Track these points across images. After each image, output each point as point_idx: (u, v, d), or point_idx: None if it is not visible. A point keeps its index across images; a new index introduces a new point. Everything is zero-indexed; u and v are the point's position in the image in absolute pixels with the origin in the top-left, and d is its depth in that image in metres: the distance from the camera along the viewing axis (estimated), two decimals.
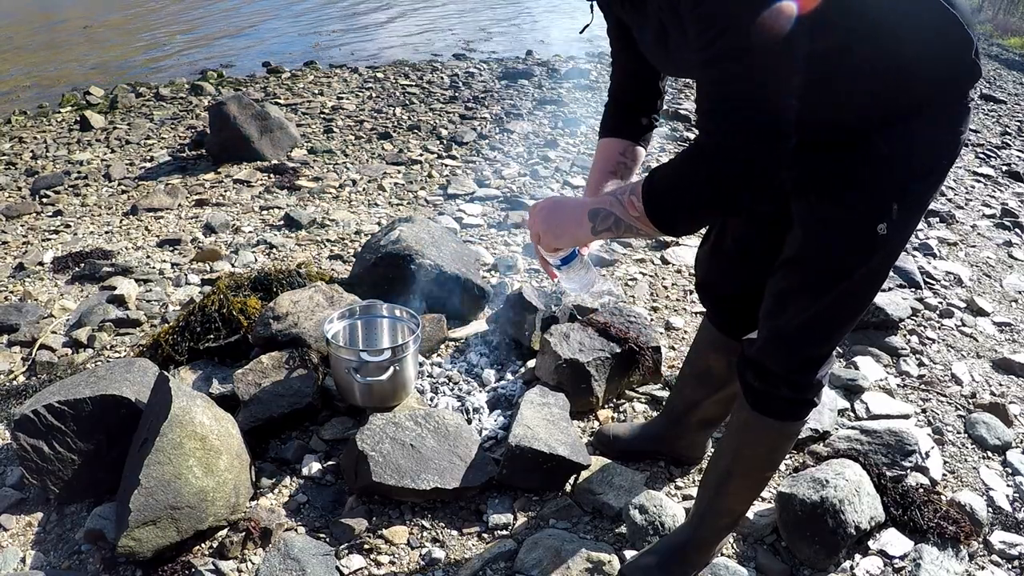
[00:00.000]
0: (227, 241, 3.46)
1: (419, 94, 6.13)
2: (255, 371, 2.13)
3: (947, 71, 1.17)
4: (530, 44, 8.67)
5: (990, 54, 10.10)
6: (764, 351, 1.42)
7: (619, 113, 1.60)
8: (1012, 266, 3.52)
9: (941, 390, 2.47)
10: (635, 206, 1.11)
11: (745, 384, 1.48)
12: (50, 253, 3.38)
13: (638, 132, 1.59)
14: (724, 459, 1.59)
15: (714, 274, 1.69)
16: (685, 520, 1.78)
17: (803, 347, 1.39)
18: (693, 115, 5.42)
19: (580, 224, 1.20)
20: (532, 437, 1.89)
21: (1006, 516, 1.95)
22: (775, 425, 1.48)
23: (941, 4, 1.12)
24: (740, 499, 1.64)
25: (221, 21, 10.61)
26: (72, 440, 1.85)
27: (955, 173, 4.83)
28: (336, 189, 4.11)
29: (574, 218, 1.21)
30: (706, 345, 1.80)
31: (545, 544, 1.72)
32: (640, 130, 1.59)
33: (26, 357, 2.57)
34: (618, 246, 3.39)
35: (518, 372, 2.40)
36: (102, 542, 1.73)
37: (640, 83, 1.56)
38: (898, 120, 1.17)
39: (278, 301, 2.35)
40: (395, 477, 1.81)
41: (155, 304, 2.89)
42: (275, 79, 6.86)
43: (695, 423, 1.92)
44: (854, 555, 1.78)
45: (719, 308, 1.73)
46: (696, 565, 1.67)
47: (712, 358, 1.78)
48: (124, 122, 5.56)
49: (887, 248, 1.26)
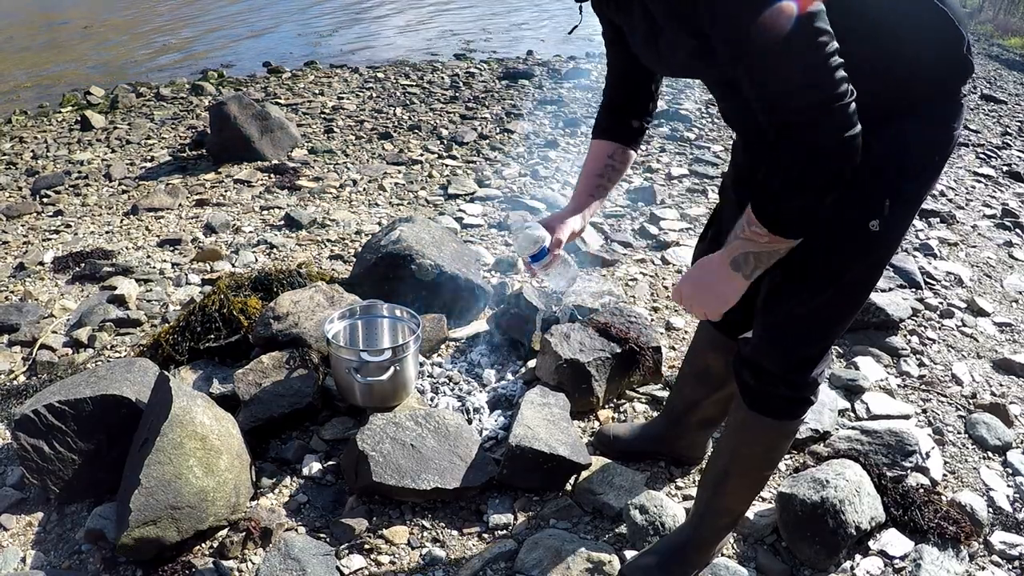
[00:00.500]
0: (228, 241, 3.46)
1: (420, 94, 6.13)
2: (255, 371, 2.13)
3: (943, 69, 1.18)
4: (531, 44, 8.67)
5: (990, 54, 10.09)
6: (760, 350, 1.42)
7: (611, 115, 1.61)
8: (1013, 266, 3.52)
9: (941, 390, 2.47)
10: (760, 234, 1.13)
11: (741, 383, 1.48)
12: (51, 253, 3.38)
13: (629, 135, 1.61)
14: (722, 458, 1.59)
15: None
16: (685, 520, 1.78)
17: (799, 346, 1.39)
18: (693, 115, 5.43)
19: (729, 279, 1.21)
20: (532, 437, 1.89)
21: (1006, 516, 1.95)
22: (772, 424, 1.48)
23: (934, 2, 1.13)
24: (739, 498, 1.64)
25: (222, 21, 10.62)
26: (72, 440, 1.85)
27: (955, 173, 4.83)
28: (336, 189, 4.12)
29: (721, 278, 1.22)
30: (704, 344, 1.80)
31: (545, 544, 1.72)
32: (631, 133, 1.60)
33: (26, 357, 2.57)
34: (618, 246, 3.39)
35: (518, 372, 2.40)
36: (102, 542, 1.73)
37: (632, 85, 1.57)
38: (895, 118, 1.18)
39: (278, 301, 2.35)
40: (395, 477, 1.81)
41: (155, 304, 2.89)
42: (276, 79, 6.87)
43: (695, 423, 1.92)
44: (854, 555, 1.78)
45: None
46: (696, 565, 1.67)
47: (711, 357, 1.78)
48: (125, 122, 5.56)
49: (881, 245, 1.27)
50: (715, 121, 5.36)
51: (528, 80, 6.58)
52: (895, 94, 1.17)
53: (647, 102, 1.59)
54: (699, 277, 1.28)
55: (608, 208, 3.84)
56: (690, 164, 4.52)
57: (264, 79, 6.91)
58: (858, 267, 1.28)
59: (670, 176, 4.31)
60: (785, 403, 1.45)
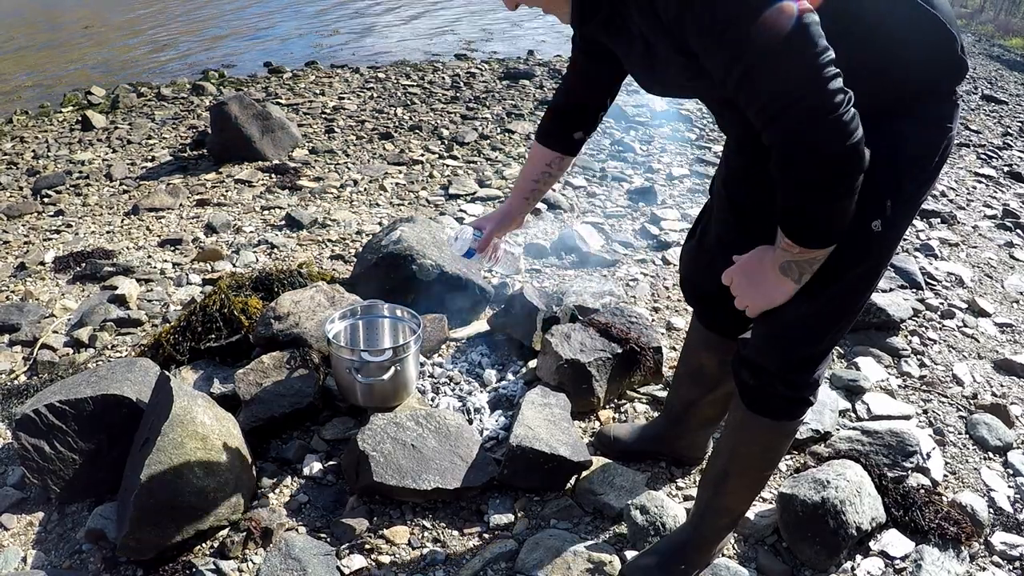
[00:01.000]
0: (228, 241, 3.46)
1: (420, 94, 6.13)
2: (256, 371, 2.13)
3: (936, 70, 1.19)
4: (531, 44, 8.67)
5: (991, 55, 10.09)
6: (759, 350, 1.42)
7: (557, 121, 1.68)
8: (1013, 267, 3.52)
9: (942, 391, 2.46)
10: (792, 247, 1.14)
11: (740, 383, 1.48)
12: (51, 253, 3.38)
13: (570, 146, 1.68)
14: (721, 458, 1.59)
15: (698, 272, 1.69)
16: (685, 520, 1.78)
17: (799, 346, 1.39)
18: (694, 115, 5.43)
19: (780, 283, 1.22)
20: (533, 437, 1.89)
21: (1007, 517, 1.95)
22: (771, 424, 1.48)
23: (923, 7, 1.14)
24: (739, 498, 1.64)
25: (223, 21, 10.62)
26: (73, 440, 1.86)
27: (956, 174, 4.83)
28: (337, 189, 4.12)
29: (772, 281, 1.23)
30: (697, 344, 1.81)
31: (546, 544, 1.72)
32: (572, 144, 1.68)
33: (27, 357, 2.57)
34: (619, 247, 3.39)
35: (519, 372, 2.40)
36: (103, 542, 1.73)
37: (588, 96, 1.62)
38: (893, 119, 1.18)
39: (279, 301, 2.35)
40: (396, 477, 1.81)
41: (156, 304, 2.89)
42: (276, 79, 6.87)
43: (694, 423, 1.92)
44: (855, 556, 1.78)
45: (703, 306, 1.74)
46: (697, 565, 1.67)
47: (704, 356, 1.78)
48: (125, 122, 5.57)
49: (882, 245, 1.27)
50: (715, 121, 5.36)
51: (529, 80, 6.58)
52: (892, 96, 1.18)
53: (595, 118, 1.65)
54: (752, 273, 1.27)
55: (609, 208, 3.85)
56: (691, 164, 4.52)
57: (265, 79, 6.92)
58: (860, 267, 1.28)
59: (671, 176, 4.31)
60: (784, 403, 1.45)
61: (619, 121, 5.27)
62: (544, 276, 3.11)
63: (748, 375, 1.45)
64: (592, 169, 4.38)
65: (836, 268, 1.26)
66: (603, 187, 4.13)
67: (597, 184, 4.18)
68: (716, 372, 1.75)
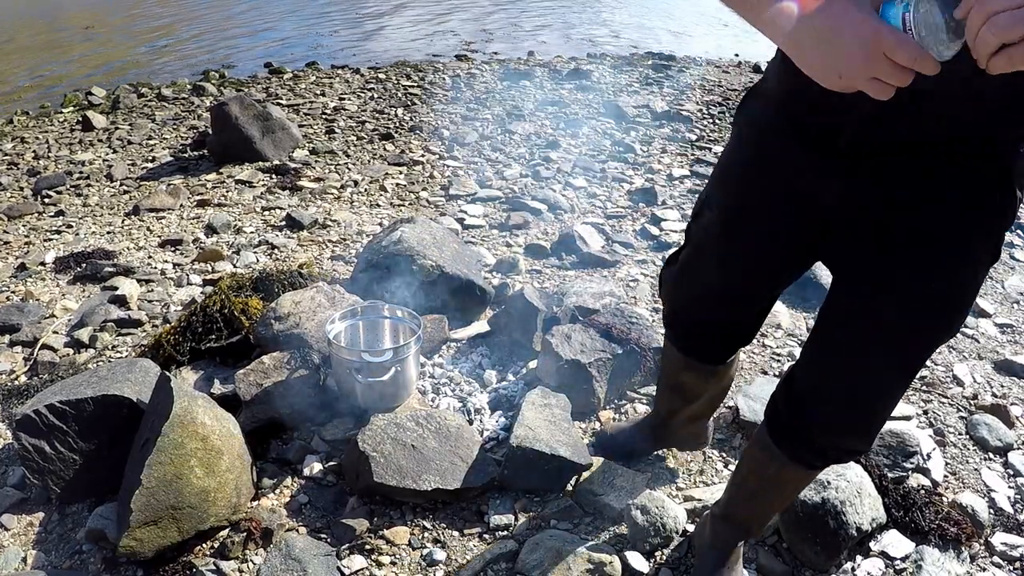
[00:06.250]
0: (229, 241, 3.46)
1: (421, 95, 6.13)
2: (256, 371, 2.13)
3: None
4: (532, 45, 8.67)
5: None
6: (832, 414, 1.26)
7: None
8: (1014, 268, 3.52)
9: (943, 391, 2.46)
10: None
11: (789, 435, 1.34)
12: (52, 253, 3.38)
13: None
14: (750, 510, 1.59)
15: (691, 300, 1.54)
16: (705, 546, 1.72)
17: (884, 404, 1.24)
18: (695, 116, 5.43)
19: None
20: (533, 438, 1.89)
21: (1007, 518, 1.95)
22: (813, 472, 1.44)
23: None
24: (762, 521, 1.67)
25: (223, 22, 10.62)
26: (73, 440, 1.86)
27: None
28: (338, 190, 4.12)
29: None
30: (675, 366, 1.69)
31: (546, 545, 1.72)
32: None
33: (28, 357, 2.57)
34: (620, 247, 3.39)
35: (519, 373, 2.40)
36: (103, 542, 1.73)
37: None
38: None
39: (280, 301, 2.35)
40: (396, 478, 1.81)
41: (157, 304, 2.89)
42: (277, 80, 6.87)
43: (686, 421, 1.90)
44: (855, 556, 1.78)
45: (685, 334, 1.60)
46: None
47: (684, 376, 1.69)
48: (126, 122, 5.56)
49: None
50: (716, 122, 5.36)
51: (529, 81, 6.58)
52: None
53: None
54: None
55: (609, 209, 3.85)
56: (691, 165, 4.52)
57: (265, 80, 6.91)
58: (961, 320, 1.16)
59: (671, 177, 4.31)
60: (844, 455, 1.34)
61: (619, 121, 5.27)
62: (544, 276, 3.11)
63: (807, 433, 1.30)
64: (592, 169, 4.38)
65: (950, 325, 1.16)
66: (603, 187, 4.13)
67: (597, 184, 4.18)
68: (696, 387, 1.71)
